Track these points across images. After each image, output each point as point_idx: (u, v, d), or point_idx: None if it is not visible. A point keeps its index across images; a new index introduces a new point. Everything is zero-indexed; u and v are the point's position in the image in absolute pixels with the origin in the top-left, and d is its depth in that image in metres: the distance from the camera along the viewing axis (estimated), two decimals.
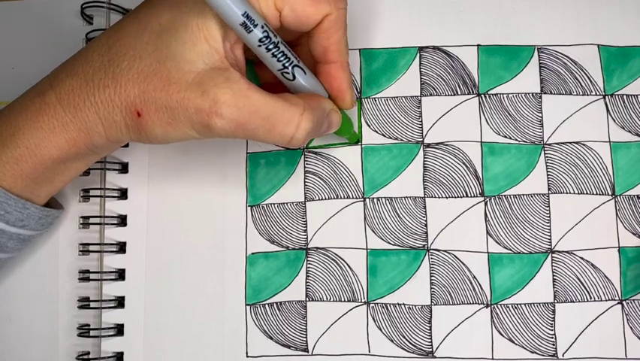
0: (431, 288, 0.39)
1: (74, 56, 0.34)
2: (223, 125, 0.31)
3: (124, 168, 0.41)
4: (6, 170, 0.33)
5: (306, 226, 0.40)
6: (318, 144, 0.41)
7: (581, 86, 0.40)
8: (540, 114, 0.40)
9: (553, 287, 0.38)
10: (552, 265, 0.39)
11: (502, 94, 0.40)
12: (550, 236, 0.39)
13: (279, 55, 0.31)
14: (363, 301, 0.39)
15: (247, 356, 0.39)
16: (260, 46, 0.31)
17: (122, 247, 0.40)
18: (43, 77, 0.34)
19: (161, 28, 0.31)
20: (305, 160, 0.41)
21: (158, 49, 0.31)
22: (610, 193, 0.39)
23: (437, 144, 0.40)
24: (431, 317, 0.39)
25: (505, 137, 0.40)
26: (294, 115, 0.32)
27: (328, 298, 0.39)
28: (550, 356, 0.38)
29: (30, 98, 0.34)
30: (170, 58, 0.31)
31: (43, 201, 0.36)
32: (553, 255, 0.39)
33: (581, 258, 0.39)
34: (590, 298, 0.38)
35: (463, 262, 0.39)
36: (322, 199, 0.40)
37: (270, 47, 0.31)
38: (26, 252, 0.41)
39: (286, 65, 0.32)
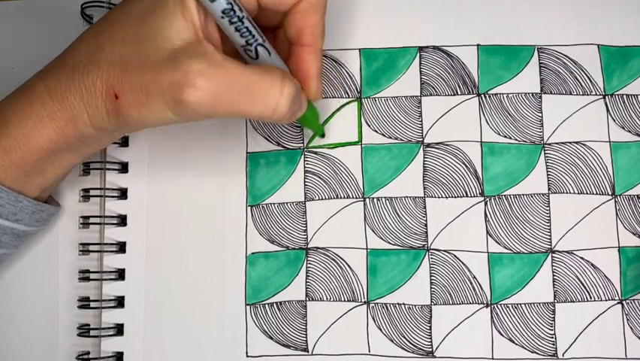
0: (431, 288, 0.39)
1: (64, 50, 0.34)
2: (198, 98, 0.30)
3: (124, 168, 0.41)
4: None
5: (306, 226, 0.40)
6: (318, 144, 0.41)
7: (581, 86, 0.40)
8: (540, 114, 0.40)
9: (553, 287, 0.38)
10: (552, 265, 0.39)
11: (502, 94, 0.40)
12: (550, 236, 0.39)
13: (243, 30, 0.31)
14: (363, 301, 0.39)
15: (247, 356, 0.39)
16: (223, 17, 0.30)
17: (122, 247, 0.40)
18: (36, 72, 0.35)
19: (143, 10, 0.31)
20: (305, 160, 0.41)
21: (139, 31, 0.31)
22: (610, 193, 0.39)
23: (437, 143, 0.40)
24: (431, 316, 0.39)
25: (505, 137, 0.40)
26: (274, 80, 0.31)
27: (328, 298, 0.39)
28: (550, 356, 0.38)
29: (20, 91, 0.34)
30: (149, 38, 0.31)
31: (35, 194, 0.36)
32: (554, 255, 0.39)
33: (581, 258, 0.39)
34: (590, 298, 0.38)
35: (463, 262, 0.39)
36: (322, 199, 0.40)
37: (234, 20, 0.30)
38: (26, 251, 0.41)
39: (250, 41, 0.32)
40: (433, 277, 0.39)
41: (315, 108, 0.38)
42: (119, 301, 0.40)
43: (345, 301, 0.39)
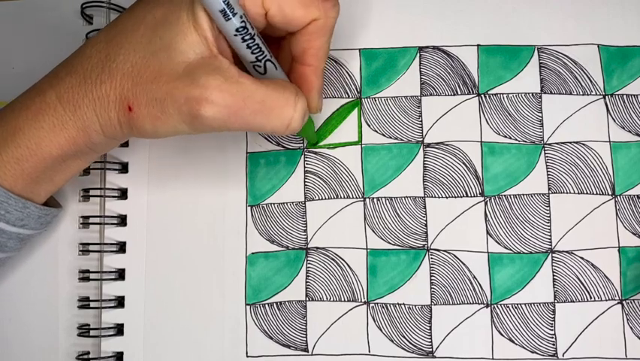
0: (431, 288, 0.39)
1: (73, 54, 0.34)
2: (214, 114, 0.30)
3: (124, 168, 0.41)
4: (7, 170, 0.33)
5: (306, 226, 0.40)
6: (319, 144, 0.41)
7: (581, 86, 0.40)
8: (540, 114, 0.40)
9: (554, 287, 0.38)
10: (552, 265, 0.39)
11: (502, 94, 0.40)
12: (550, 236, 0.39)
13: (254, 47, 0.31)
14: (363, 301, 0.39)
15: (247, 356, 0.39)
16: (236, 35, 0.30)
17: (122, 247, 0.40)
18: (43, 77, 0.34)
19: (155, 21, 0.31)
20: (305, 160, 0.41)
21: (152, 41, 0.31)
22: (610, 193, 0.39)
23: (437, 143, 0.40)
24: (431, 316, 0.39)
25: (505, 137, 0.40)
26: (289, 96, 0.31)
27: (328, 298, 0.39)
28: (550, 356, 0.38)
29: (30, 97, 0.34)
30: (162, 49, 0.31)
31: (42, 200, 0.36)
32: (554, 255, 0.39)
33: (581, 258, 0.39)
34: (590, 298, 0.38)
35: (463, 262, 0.39)
36: (322, 199, 0.40)
37: (246, 37, 0.31)
38: (26, 251, 0.41)
39: (259, 57, 0.32)
40: (433, 277, 0.39)
41: (311, 119, 0.38)
42: (119, 301, 0.40)
43: (345, 301, 0.39)
